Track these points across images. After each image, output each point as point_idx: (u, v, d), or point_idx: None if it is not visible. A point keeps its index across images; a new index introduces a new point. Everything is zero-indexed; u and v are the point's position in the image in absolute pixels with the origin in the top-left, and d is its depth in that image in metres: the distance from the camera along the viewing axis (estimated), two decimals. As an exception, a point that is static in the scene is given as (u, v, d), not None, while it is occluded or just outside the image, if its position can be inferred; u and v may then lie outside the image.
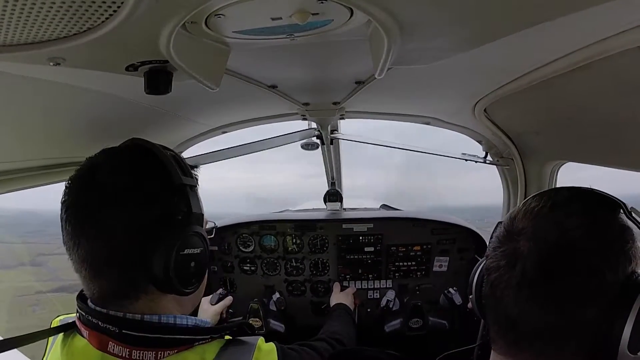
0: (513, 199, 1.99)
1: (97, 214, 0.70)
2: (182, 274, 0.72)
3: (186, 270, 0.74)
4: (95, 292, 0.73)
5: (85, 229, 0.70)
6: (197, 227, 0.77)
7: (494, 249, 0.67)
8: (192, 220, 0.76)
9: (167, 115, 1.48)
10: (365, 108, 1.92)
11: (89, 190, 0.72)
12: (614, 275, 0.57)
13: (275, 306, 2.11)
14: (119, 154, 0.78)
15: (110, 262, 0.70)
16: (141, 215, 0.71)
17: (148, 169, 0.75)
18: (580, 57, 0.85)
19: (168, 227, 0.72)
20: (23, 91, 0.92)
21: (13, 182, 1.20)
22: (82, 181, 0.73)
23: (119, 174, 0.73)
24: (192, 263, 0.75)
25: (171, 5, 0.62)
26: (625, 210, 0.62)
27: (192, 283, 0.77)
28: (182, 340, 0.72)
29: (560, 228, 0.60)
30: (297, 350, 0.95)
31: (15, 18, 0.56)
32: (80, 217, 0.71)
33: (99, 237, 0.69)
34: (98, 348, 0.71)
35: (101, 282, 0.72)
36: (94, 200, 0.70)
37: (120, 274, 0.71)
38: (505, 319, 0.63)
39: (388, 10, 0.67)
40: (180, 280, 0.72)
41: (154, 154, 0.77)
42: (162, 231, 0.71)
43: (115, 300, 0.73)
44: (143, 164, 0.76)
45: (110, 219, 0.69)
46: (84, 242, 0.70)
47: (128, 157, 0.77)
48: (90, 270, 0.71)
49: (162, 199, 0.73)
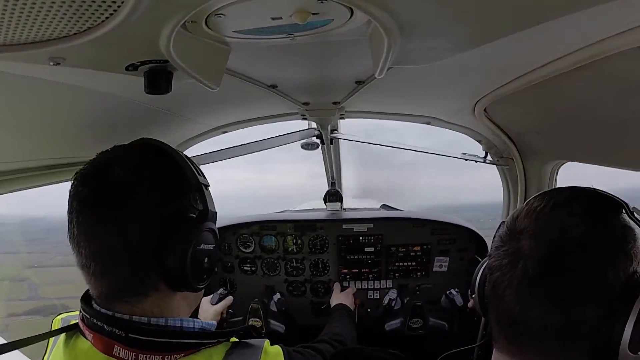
0: (513, 198, 1.99)
1: (114, 210, 0.70)
2: (196, 270, 0.74)
3: (200, 266, 0.75)
4: (104, 289, 0.72)
5: (100, 224, 0.70)
6: (211, 223, 0.79)
7: (497, 248, 0.67)
8: (208, 217, 0.78)
9: (167, 115, 1.48)
10: (365, 108, 1.92)
11: (105, 186, 0.72)
12: (615, 275, 0.57)
13: (275, 307, 2.11)
14: (133, 152, 0.79)
15: (123, 258, 0.70)
16: (158, 212, 0.72)
17: (165, 168, 0.77)
18: (580, 57, 0.85)
19: (184, 224, 0.74)
20: (23, 91, 0.92)
21: (13, 183, 1.20)
22: (97, 176, 0.73)
23: (136, 171, 0.74)
24: (206, 259, 0.77)
25: (171, 5, 0.62)
26: (627, 210, 0.63)
27: (204, 279, 0.78)
28: (190, 344, 0.72)
29: (561, 227, 0.60)
30: (302, 353, 0.96)
31: (15, 17, 0.56)
32: (96, 213, 0.71)
33: (115, 232, 0.70)
34: (103, 352, 0.70)
35: (111, 278, 0.72)
36: (110, 197, 0.71)
37: (132, 269, 0.71)
38: (507, 318, 0.64)
39: (388, 10, 0.67)
40: (194, 276, 0.74)
41: (169, 154, 0.79)
42: (179, 227, 0.73)
43: (122, 298, 0.72)
44: (159, 163, 0.77)
45: (128, 216, 0.70)
46: (100, 237, 0.70)
47: (144, 156, 0.78)
48: (100, 265, 0.71)
49: (179, 197, 0.75)
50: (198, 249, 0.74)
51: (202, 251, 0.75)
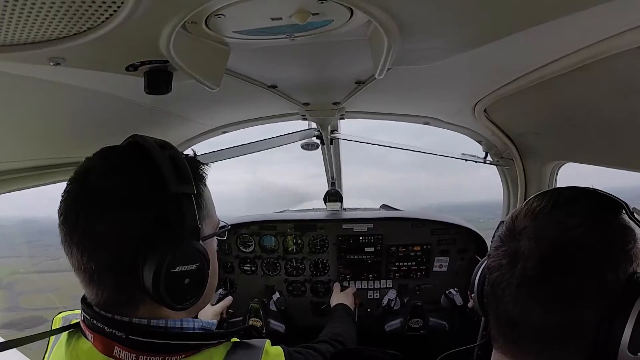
0: (513, 199, 1.99)
1: (86, 221, 0.65)
2: (174, 291, 0.67)
3: (179, 287, 0.68)
4: (98, 298, 0.70)
5: (75, 237, 0.66)
6: (193, 241, 0.70)
7: (496, 248, 0.67)
8: (185, 234, 0.69)
9: (167, 115, 1.48)
10: (365, 108, 1.92)
11: (79, 195, 0.68)
12: (614, 276, 0.57)
13: (275, 306, 2.11)
14: (113, 155, 0.73)
15: (104, 271, 0.67)
16: (132, 224, 0.66)
17: (143, 174, 0.68)
18: (580, 57, 0.85)
19: (161, 240, 0.66)
20: (23, 91, 0.92)
21: (13, 182, 1.20)
22: (74, 185, 0.69)
23: (110, 176, 0.68)
24: (187, 280, 0.68)
25: (171, 5, 0.62)
26: (627, 211, 0.62)
27: (188, 299, 0.70)
28: (191, 345, 0.72)
29: (561, 228, 0.60)
30: (303, 353, 0.95)
31: (15, 18, 0.56)
32: (70, 225, 0.67)
33: (89, 245, 0.66)
34: (103, 352, 0.69)
35: (99, 289, 0.69)
36: (84, 206, 0.66)
37: (114, 283, 0.68)
38: (506, 318, 0.63)
39: (388, 10, 0.67)
40: (172, 298, 0.67)
41: (152, 157, 0.69)
42: (155, 243, 0.66)
43: (116, 307, 0.71)
44: (137, 166, 0.69)
45: (100, 227, 0.65)
46: (75, 251, 0.67)
47: (122, 158, 0.72)
48: (85, 278, 0.69)
49: (156, 207, 0.67)
50: (172, 272, 0.65)
51: (178, 273, 0.66)
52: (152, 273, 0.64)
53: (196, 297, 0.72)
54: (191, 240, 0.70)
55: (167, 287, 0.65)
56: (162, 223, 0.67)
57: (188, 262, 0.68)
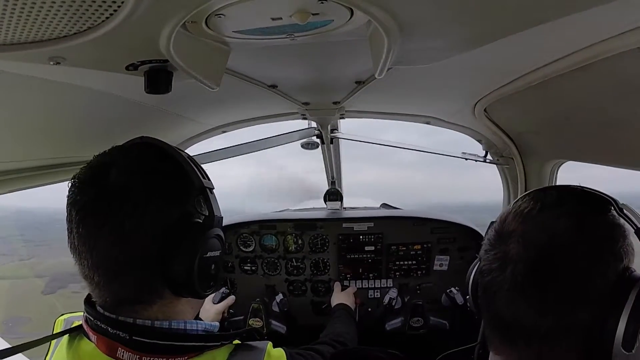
0: (513, 198, 1.99)
1: (115, 217, 0.67)
2: (203, 277, 0.72)
3: (208, 273, 0.73)
4: (108, 298, 0.71)
5: (101, 233, 0.67)
6: (217, 229, 0.76)
7: (486, 252, 0.67)
8: (213, 223, 0.74)
9: (167, 114, 1.49)
10: (365, 108, 1.92)
11: (104, 194, 0.68)
12: (602, 278, 0.58)
13: (278, 307, 2.10)
14: (132, 153, 0.75)
15: (127, 267, 0.68)
16: (161, 218, 0.69)
17: (167, 171, 0.73)
18: (579, 57, 0.85)
19: (189, 230, 0.71)
20: (23, 90, 0.92)
21: (13, 182, 1.20)
22: (95, 182, 0.70)
23: (136, 174, 0.70)
24: (213, 266, 0.74)
25: (171, 5, 0.62)
26: (616, 208, 0.62)
27: (211, 286, 0.76)
28: (193, 347, 0.72)
29: (548, 232, 0.60)
30: (304, 355, 0.96)
31: (15, 17, 0.56)
32: (96, 221, 0.67)
33: (116, 241, 0.67)
34: (107, 354, 0.70)
35: (115, 288, 0.70)
36: (110, 203, 0.67)
37: (136, 279, 0.69)
38: (499, 321, 0.64)
39: (388, 10, 0.67)
40: (201, 284, 0.72)
41: (171, 155, 0.75)
42: (184, 234, 0.70)
43: (128, 307, 0.71)
44: (161, 166, 0.73)
45: (129, 223, 0.67)
46: (101, 247, 0.67)
47: (144, 158, 0.74)
48: (104, 276, 0.69)
49: (183, 202, 0.73)
50: (205, 257, 0.72)
51: (209, 259, 0.73)
52: (185, 260, 0.69)
53: (216, 283, 0.77)
54: (216, 228, 0.75)
55: (199, 273, 0.70)
56: (189, 215, 0.73)
57: (215, 248, 0.75)
